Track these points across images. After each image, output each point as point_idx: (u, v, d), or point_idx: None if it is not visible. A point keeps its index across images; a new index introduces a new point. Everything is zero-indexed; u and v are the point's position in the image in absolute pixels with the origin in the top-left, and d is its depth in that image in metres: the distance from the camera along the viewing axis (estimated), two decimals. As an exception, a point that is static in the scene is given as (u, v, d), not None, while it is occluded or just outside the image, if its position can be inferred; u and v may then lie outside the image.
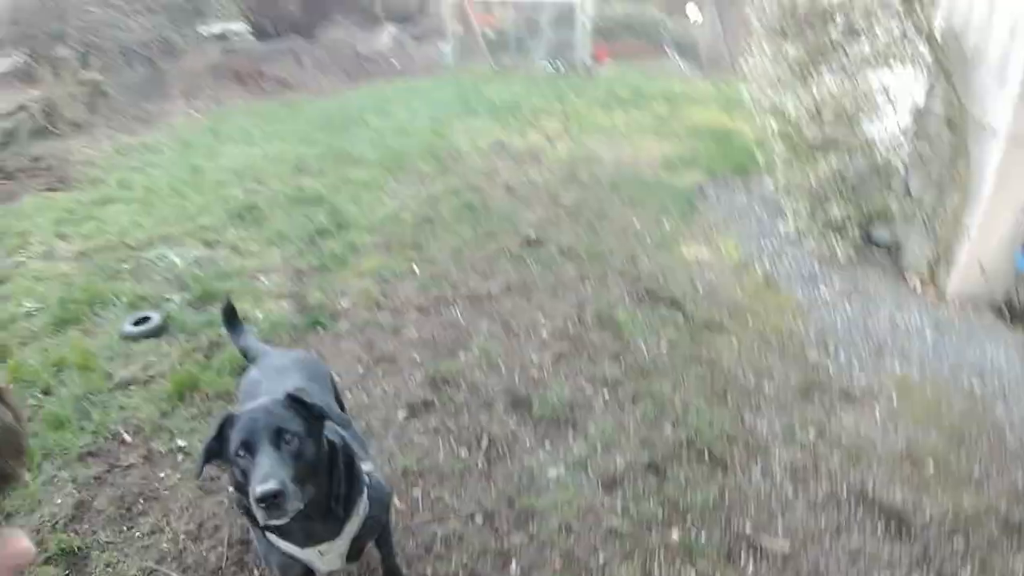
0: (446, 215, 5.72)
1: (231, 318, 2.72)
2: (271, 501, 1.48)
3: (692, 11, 16.62)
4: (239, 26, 15.83)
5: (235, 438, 1.59)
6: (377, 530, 2.12)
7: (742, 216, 5.91)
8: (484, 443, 3.21)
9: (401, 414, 3.40)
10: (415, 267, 4.85)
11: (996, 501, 3.02)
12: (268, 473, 1.50)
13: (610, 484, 2.98)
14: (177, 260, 4.96)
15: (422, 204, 5.94)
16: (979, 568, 2.68)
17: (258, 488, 1.47)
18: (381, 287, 4.59)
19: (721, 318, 4.30)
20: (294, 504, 1.53)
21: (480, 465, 3.08)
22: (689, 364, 3.83)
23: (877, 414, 3.55)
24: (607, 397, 3.55)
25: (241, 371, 2.81)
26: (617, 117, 9.30)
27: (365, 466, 1.96)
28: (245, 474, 1.57)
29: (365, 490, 1.91)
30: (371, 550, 2.31)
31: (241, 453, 1.58)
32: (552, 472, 3.05)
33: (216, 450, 1.66)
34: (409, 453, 3.14)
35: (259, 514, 1.51)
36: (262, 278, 4.74)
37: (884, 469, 3.17)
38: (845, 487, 3.04)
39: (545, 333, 4.09)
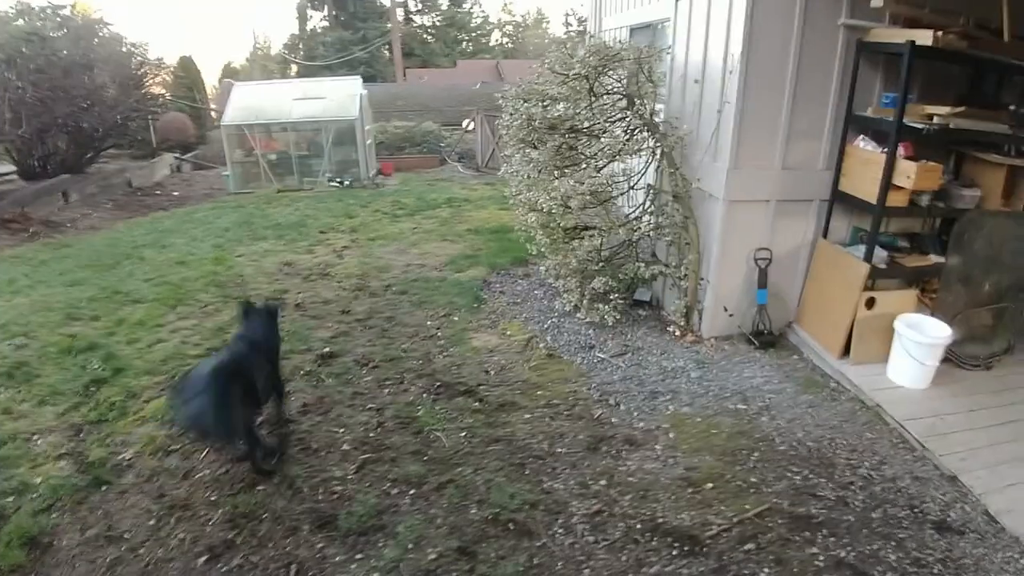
0: (234, 344, 5.54)
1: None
2: None
3: (466, 123, 18.08)
4: (6, 167, 14.52)
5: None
6: None
7: (523, 301, 6.40)
8: (293, 570, 3.12)
9: (201, 560, 3.20)
10: (203, 403, 4.62)
11: (778, 502, 3.50)
12: None
13: (424, 579, 3.02)
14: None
15: (207, 336, 5.70)
16: (775, 566, 3.07)
17: None
18: (167, 431, 4.30)
19: (513, 396, 4.59)
20: None
21: (289, 594, 2.98)
22: (487, 445, 4.03)
23: (658, 451, 3.98)
24: (413, 494, 3.61)
25: (29, 541, 3.31)
26: (403, 225, 9.71)
27: None
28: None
29: None
30: None
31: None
32: (366, 582, 3.03)
33: None
34: (210, 599, 2.95)
35: None
36: (37, 439, 4.27)
37: (669, 498, 3.56)
38: (638, 523, 3.37)
39: (346, 446, 4.08)
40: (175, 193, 14.88)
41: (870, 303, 4.86)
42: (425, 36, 44.58)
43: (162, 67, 19.09)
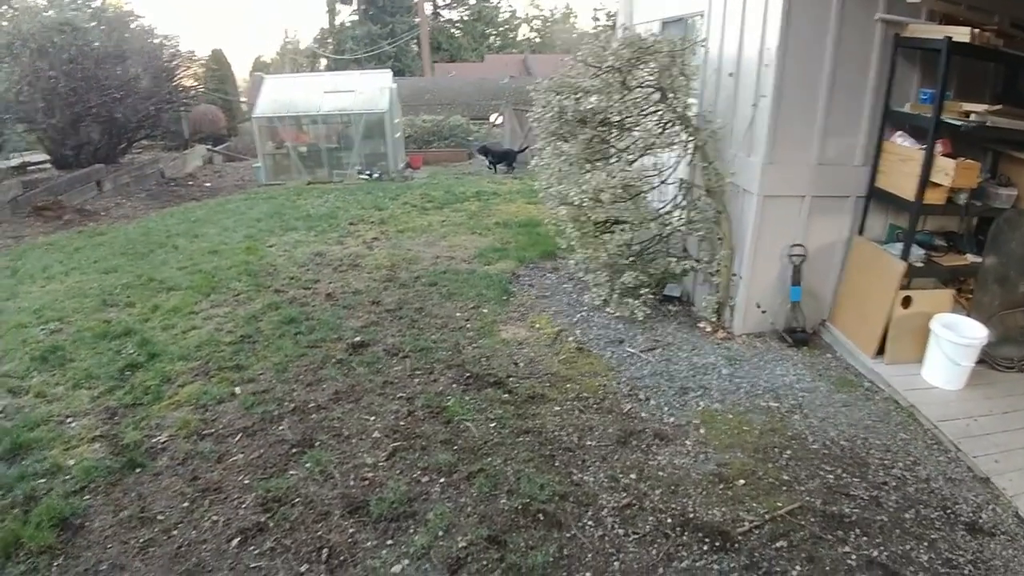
0: (266, 332, 5.61)
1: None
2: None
3: (494, 117, 18.11)
4: (39, 156, 14.84)
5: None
6: None
7: (552, 295, 6.40)
8: (324, 554, 3.15)
9: (234, 542, 3.26)
10: (236, 389, 4.70)
11: (811, 500, 3.48)
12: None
13: (455, 566, 3.05)
14: (-20, 413, 4.47)
15: (239, 324, 5.79)
16: (807, 564, 3.05)
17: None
18: (201, 415, 4.39)
19: (542, 389, 4.60)
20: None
21: (322, 576, 3.02)
22: (517, 436, 4.05)
23: (688, 447, 3.96)
24: (443, 483, 3.64)
25: (61, 522, 3.37)
26: (432, 218, 9.75)
27: None
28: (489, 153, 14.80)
29: None
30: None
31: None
32: (396, 568, 3.07)
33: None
34: (245, 580, 3.00)
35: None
36: (71, 422, 4.37)
37: (700, 493, 3.55)
38: (668, 517, 3.36)
39: (377, 433, 4.13)
40: (207, 184, 15.12)
41: (906, 302, 4.78)
42: (453, 31, 44.62)
43: (194, 59, 19.28)
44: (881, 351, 4.87)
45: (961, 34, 4.32)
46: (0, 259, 8.65)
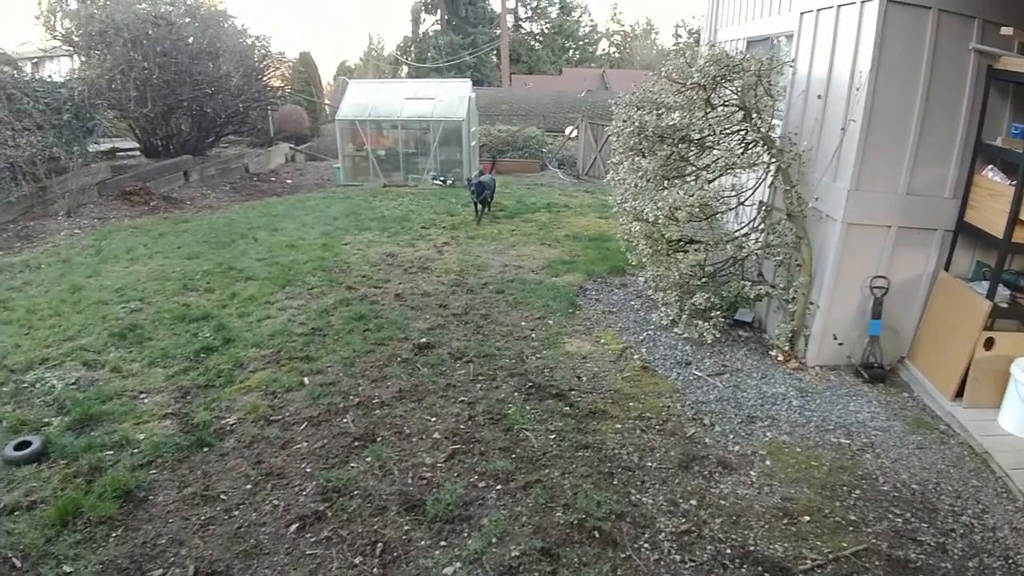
0: (337, 326, 5.77)
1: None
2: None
3: (569, 130, 18.12)
4: (129, 143, 15.64)
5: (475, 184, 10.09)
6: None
7: (619, 311, 6.34)
8: (378, 549, 3.20)
9: (292, 528, 3.34)
10: (305, 379, 4.84)
11: (877, 543, 3.34)
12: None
13: (507, 575, 3.04)
14: (56, 383, 4.76)
15: (312, 317, 5.98)
16: None
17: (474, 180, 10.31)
18: (270, 401, 4.54)
19: (604, 405, 4.55)
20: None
21: (375, 571, 3.07)
22: (576, 451, 4.01)
23: (753, 477, 3.84)
24: (500, 490, 3.64)
25: (124, 495, 3.51)
26: (503, 227, 9.83)
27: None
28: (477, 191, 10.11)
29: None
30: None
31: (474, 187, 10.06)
32: (448, 570, 3.08)
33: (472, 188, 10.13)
34: (301, 567, 3.07)
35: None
36: (144, 398, 4.60)
37: (763, 526, 3.43)
38: (728, 548, 3.26)
39: (437, 434, 4.17)
40: (288, 181, 15.66)
41: (989, 343, 4.53)
42: (533, 43, 44.99)
43: (283, 61, 19.94)
44: (960, 393, 4.62)
45: (1050, 70, 4.11)
46: (85, 238, 9.19)
